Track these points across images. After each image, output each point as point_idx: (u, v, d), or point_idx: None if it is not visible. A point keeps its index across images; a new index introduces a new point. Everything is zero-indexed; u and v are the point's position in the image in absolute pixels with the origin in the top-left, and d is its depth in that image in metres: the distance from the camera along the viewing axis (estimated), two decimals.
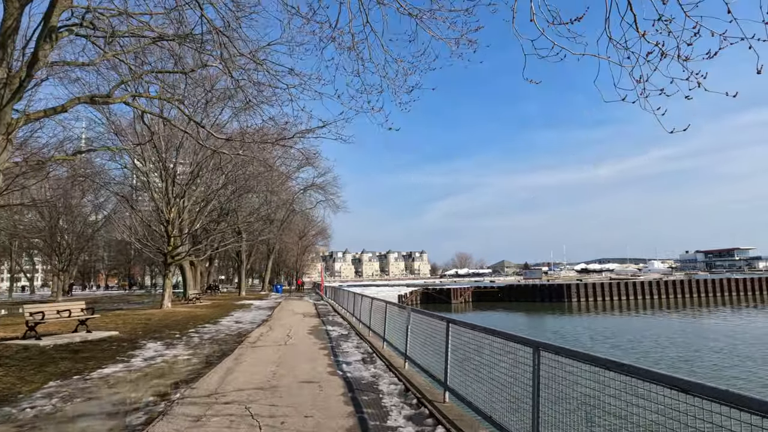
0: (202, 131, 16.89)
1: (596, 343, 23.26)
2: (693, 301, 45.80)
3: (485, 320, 34.91)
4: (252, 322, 17.95)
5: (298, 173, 53.27)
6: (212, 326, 16.35)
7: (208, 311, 23.28)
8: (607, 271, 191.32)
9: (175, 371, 8.44)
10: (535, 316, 37.22)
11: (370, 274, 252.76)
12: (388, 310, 10.55)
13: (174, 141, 26.79)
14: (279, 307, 26.27)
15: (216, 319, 18.89)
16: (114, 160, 30.23)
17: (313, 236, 77.34)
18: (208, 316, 20.24)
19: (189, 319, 19.12)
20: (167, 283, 24.75)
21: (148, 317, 19.69)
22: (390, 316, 10.34)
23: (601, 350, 20.94)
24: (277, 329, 14.92)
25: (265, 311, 23.30)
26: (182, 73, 14.65)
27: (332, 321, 17.66)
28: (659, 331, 27.86)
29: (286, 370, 8.24)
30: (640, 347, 22.02)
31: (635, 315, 37.25)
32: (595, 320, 34.15)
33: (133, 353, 10.48)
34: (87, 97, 14.24)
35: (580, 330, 28.63)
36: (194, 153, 26.97)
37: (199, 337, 13.40)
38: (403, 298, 50.48)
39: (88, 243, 49.14)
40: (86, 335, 12.82)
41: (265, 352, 10.25)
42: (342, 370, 8.27)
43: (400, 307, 9.63)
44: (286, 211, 52.22)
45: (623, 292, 48.04)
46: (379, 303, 12.03)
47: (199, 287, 50.35)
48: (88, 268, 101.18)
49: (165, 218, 24.92)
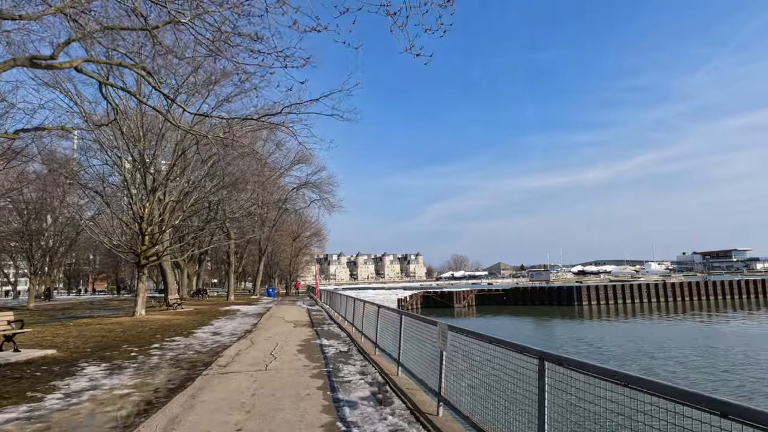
0: (190, 123, 14.12)
1: (635, 356, 20.40)
2: (709, 304, 43.33)
3: (506, 328, 32.29)
4: (233, 333, 15.15)
5: (291, 169, 50.54)
6: (183, 340, 13.54)
7: (187, 319, 20.44)
8: (605, 272, 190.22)
9: (95, 422, 5.65)
10: (550, 322, 34.46)
11: (365, 276, 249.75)
12: (405, 325, 7.82)
13: (155, 131, 24.02)
14: (268, 314, 23.45)
15: (191, 330, 16.06)
16: (90, 150, 27.20)
17: (308, 238, 74.47)
18: (184, 326, 17.42)
19: (159, 329, 16.28)
20: (140, 287, 21.85)
21: (112, 328, 16.82)
22: (408, 333, 7.61)
23: (643, 365, 18.26)
24: (260, 344, 12.12)
25: (251, 319, 20.49)
26: (145, 30, 11.85)
27: (328, 332, 14.89)
28: (693, 337, 25.26)
29: (259, 421, 5.46)
30: (691, 361, 19.16)
31: (657, 320, 34.68)
32: (614, 326, 31.48)
33: (56, 384, 7.68)
34: (26, 59, 11.50)
35: (604, 337, 25.89)
36: (174, 143, 24.15)
37: (160, 356, 10.59)
38: (403, 303, 47.68)
39: (71, 246, 46.17)
40: (11, 355, 9.97)
41: (237, 384, 7.47)
42: (344, 418, 5.52)
43: (424, 321, 6.89)
44: (278, 210, 49.35)
45: (635, 295, 45.43)
46: (390, 314, 9.29)
47: (186, 291, 47.44)
48: (76, 271, 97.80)
49: (139, 214, 22.07)
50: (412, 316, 7.75)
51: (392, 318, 9.00)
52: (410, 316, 7.86)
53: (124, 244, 21.75)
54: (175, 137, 24.08)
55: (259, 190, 30.90)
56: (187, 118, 22.45)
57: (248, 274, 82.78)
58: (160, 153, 22.95)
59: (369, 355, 10.11)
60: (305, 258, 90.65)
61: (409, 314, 7.96)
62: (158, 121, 23.15)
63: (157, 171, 22.25)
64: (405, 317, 7.97)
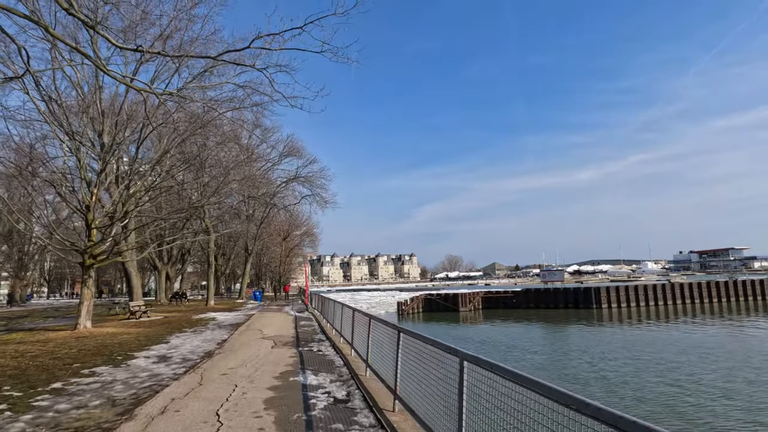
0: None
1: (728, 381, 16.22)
2: (739, 307, 39.56)
3: (535, 341, 28.24)
4: (185, 359, 10.93)
5: (280, 163, 46.27)
6: (107, 372, 9.34)
7: (142, 333, 16.17)
8: (601, 272, 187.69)
9: None
10: (584, 329, 30.26)
11: (359, 278, 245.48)
12: (473, 380, 3.71)
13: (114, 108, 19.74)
14: (246, 324, 19.23)
15: (132, 353, 11.83)
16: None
17: (299, 237, 70.11)
18: (128, 345, 13.18)
19: (89, 352, 12.02)
20: (84, 293, 17.50)
21: (28, 349, 12.53)
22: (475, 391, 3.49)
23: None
24: (211, 385, 7.93)
25: (222, 333, 16.25)
26: None
27: (317, 357, 10.73)
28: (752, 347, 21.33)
29: None
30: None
31: (692, 324, 30.81)
32: (652, 333, 27.44)
33: None
34: None
35: (663, 352, 21.73)
36: (116, 113, 19.86)
37: (35, 416, 6.38)
38: (403, 306, 43.45)
39: (45, 249, 41.62)
40: None
41: None
42: None
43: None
44: (266, 206, 45.00)
45: (659, 296, 41.34)
46: (432, 350, 5.17)
47: (164, 295, 42.91)
48: (58, 274, 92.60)
49: (84, 203, 17.76)
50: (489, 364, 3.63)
51: (424, 354, 4.89)
52: (481, 363, 3.75)
53: (62, 238, 17.40)
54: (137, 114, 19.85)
55: (234, 173, 26.44)
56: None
57: (238, 276, 78.20)
58: (107, 128, 18.63)
59: (385, 412, 5.99)
60: (298, 259, 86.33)
61: (479, 359, 3.83)
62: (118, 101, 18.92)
63: (105, 150, 17.94)
64: (473, 366, 3.86)
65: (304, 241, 75.96)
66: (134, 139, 21.31)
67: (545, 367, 19.00)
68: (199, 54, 9.85)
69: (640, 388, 15.05)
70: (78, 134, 16.87)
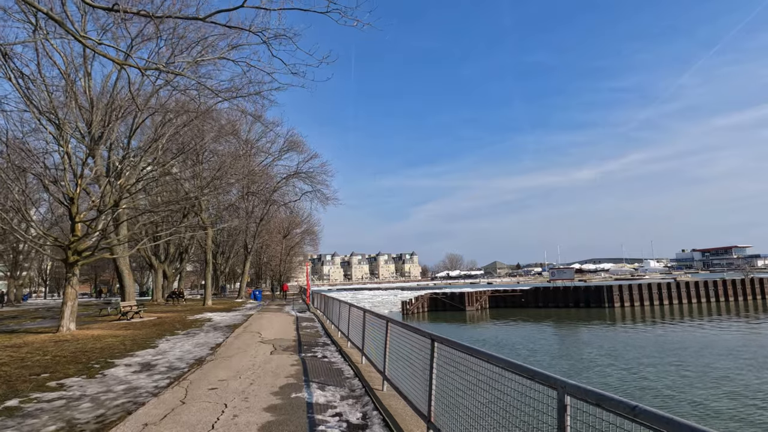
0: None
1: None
2: (756, 305, 38.07)
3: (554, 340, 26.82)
4: (172, 367, 9.56)
5: (281, 158, 44.90)
6: (79, 384, 7.97)
7: (129, 336, 14.82)
8: (603, 271, 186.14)
9: None
10: (602, 330, 28.69)
11: (359, 277, 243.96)
12: None
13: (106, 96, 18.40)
14: (244, 325, 17.86)
15: (114, 359, 10.47)
16: None
17: (300, 235, 68.71)
18: (111, 350, 11.82)
19: (66, 358, 10.66)
20: (68, 293, 16.13)
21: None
22: None
23: None
24: (195, 404, 6.55)
25: (217, 335, 14.89)
26: None
27: (323, 365, 9.36)
28: None
29: None
30: None
31: (725, 322, 29.38)
32: (677, 334, 25.92)
33: None
34: None
35: (712, 365, 19.94)
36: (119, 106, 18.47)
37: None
38: (408, 305, 42.02)
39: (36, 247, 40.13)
40: None
41: None
42: None
43: None
44: (266, 203, 43.58)
45: (674, 295, 39.83)
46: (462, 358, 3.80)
47: (161, 294, 41.54)
48: (58, 273, 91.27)
49: (69, 194, 16.38)
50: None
51: (476, 373, 3.52)
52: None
53: (46, 234, 16.03)
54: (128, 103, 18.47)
55: (230, 165, 24.95)
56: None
57: (237, 275, 76.81)
58: (98, 115, 17.25)
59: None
60: (298, 258, 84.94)
61: (587, 390, 2.44)
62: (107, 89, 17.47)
63: (92, 138, 16.55)
64: (577, 401, 2.47)
65: (305, 240, 74.53)
66: (126, 128, 19.97)
67: (576, 372, 17.41)
68: (185, 15, 8.48)
69: (702, 402, 13.15)
70: (61, 120, 15.48)
